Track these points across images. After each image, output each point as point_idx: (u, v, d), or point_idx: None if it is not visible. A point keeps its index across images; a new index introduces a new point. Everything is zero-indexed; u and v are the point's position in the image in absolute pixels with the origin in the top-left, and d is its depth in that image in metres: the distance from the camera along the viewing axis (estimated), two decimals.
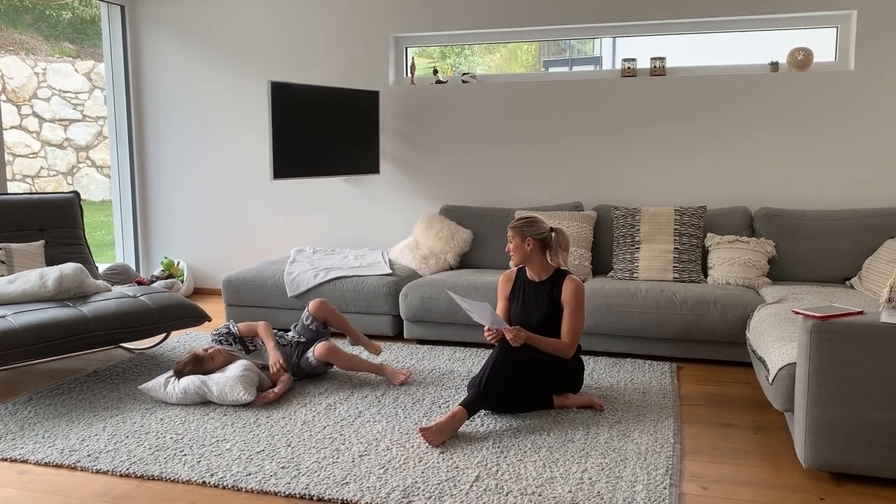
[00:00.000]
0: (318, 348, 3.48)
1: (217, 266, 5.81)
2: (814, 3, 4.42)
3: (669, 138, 4.73)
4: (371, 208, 5.38)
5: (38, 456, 2.69)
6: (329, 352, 3.46)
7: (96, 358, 4.10)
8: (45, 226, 4.21)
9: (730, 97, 4.60)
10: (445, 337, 4.22)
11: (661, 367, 3.74)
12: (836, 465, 2.40)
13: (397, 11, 5.13)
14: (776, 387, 2.61)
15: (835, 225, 4.21)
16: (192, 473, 2.52)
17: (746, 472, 2.53)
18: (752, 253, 4.13)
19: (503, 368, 2.91)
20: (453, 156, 5.15)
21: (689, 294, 3.81)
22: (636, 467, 2.53)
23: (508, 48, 6.29)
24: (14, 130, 10.86)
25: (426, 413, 3.08)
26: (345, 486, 2.40)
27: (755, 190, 4.63)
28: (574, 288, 3.15)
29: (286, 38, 5.39)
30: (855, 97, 4.42)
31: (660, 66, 4.73)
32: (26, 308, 3.44)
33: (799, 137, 4.53)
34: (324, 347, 3.46)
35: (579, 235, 4.42)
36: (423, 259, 4.64)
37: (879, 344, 2.31)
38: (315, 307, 3.64)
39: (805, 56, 4.48)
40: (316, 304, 3.64)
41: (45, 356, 3.29)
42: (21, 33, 11.84)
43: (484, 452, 2.66)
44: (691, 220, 4.26)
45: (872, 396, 2.33)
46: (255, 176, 5.61)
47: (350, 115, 4.95)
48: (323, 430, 2.90)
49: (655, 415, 3.04)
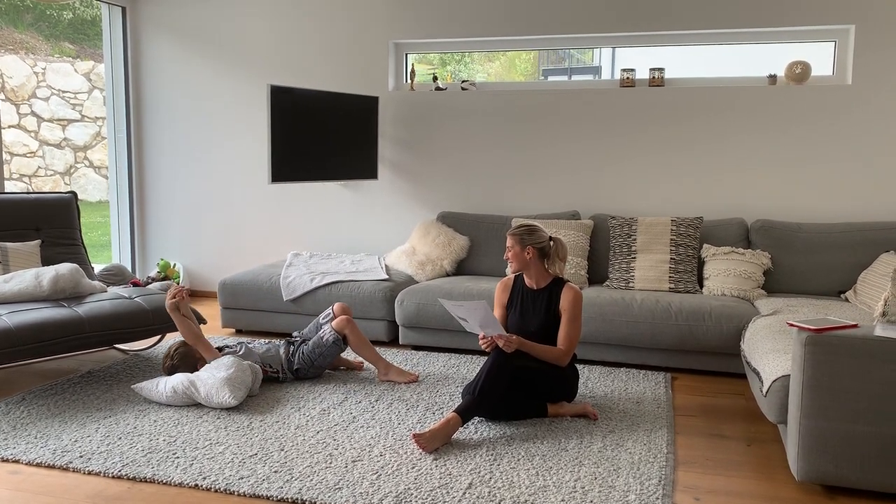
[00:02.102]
0: (337, 320, 3.53)
1: (213, 269, 5.80)
2: (812, 17, 4.45)
3: (667, 148, 4.75)
4: (368, 214, 5.39)
5: (31, 456, 2.68)
6: (348, 323, 3.51)
7: (90, 359, 4.09)
8: (41, 225, 4.20)
9: (728, 109, 4.62)
10: (441, 343, 4.22)
11: (655, 377, 3.74)
12: (828, 477, 2.40)
13: (398, 18, 5.15)
14: (770, 399, 2.61)
15: (830, 238, 4.22)
16: (185, 476, 2.51)
17: (739, 484, 2.53)
18: (748, 265, 4.14)
19: (498, 376, 2.91)
20: (451, 162, 5.16)
21: (685, 304, 3.82)
22: (629, 477, 2.53)
23: (508, 56, 6.30)
24: (12, 129, 10.84)
25: (420, 419, 3.08)
26: (337, 492, 2.39)
27: (752, 202, 4.64)
28: (573, 296, 3.16)
29: (286, 43, 5.40)
30: (852, 111, 4.44)
31: (659, 76, 4.75)
32: (21, 307, 3.44)
33: (796, 150, 4.55)
34: (343, 320, 3.51)
35: (576, 244, 4.43)
36: (420, 265, 4.64)
37: (873, 358, 2.32)
38: (340, 308, 3.67)
39: (803, 69, 4.51)
40: (342, 306, 3.67)
41: (39, 356, 3.28)
42: (21, 33, 11.84)
43: (477, 460, 2.66)
44: (688, 230, 4.27)
45: (866, 410, 2.34)
46: (252, 179, 5.61)
47: (349, 120, 4.96)
48: (316, 435, 2.89)
49: (649, 425, 3.04)
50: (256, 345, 3.57)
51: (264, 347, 3.56)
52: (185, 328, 3.36)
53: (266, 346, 3.57)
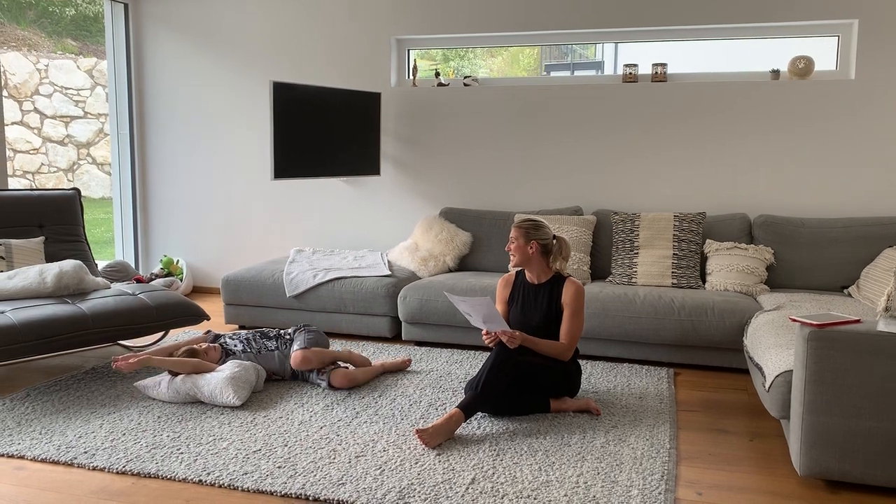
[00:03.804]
0: (336, 378, 3.39)
1: (216, 265, 5.81)
2: (816, 12, 4.44)
3: (670, 144, 4.74)
4: (371, 210, 5.39)
5: (35, 452, 2.69)
6: (344, 377, 3.40)
7: (94, 355, 4.10)
8: (44, 222, 4.21)
9: (731, 104, 4.61)
10: (443, 339, 4.22)
11: (658, 372, 3.75)
12: (831, 472, 2.41)
13: (400, 14, 5.14)
14: (772, 394, 2.61)
15: (833, 233, 4.22)
16: (189, 472, 2.52)
17: (742, 479, 2.53)
18: (751, 260, 4.13)
19: (501, 371, 2.92)
20: (454, 158, 5.16)
21: (687, 300, 3.82)
22: (632, 472, 2.53)
23: (510, 52, 6.30)
24: (15, 126, 10.86)
25: (423, 415, 3.09)
26: (341, 487, 2.40)
27: (754, 197, 4.64)
28: (575, 290, 3.16)
29: (289, 39, 5.40)
30: (855, 106, 4.43)
31: (661, 72, 4.74)
32: (25, 304, 3.45)
33: (799, 145, 4.54)
34: (341, 377, 3.38)
35: (578, 240, 4.43)
36: (423, 261, 4.65)
37: (876, 353, 2.32)
38: (298, 362, 3.41)
39: (806, 64, 4.50)
40: (298, 361, 3.40)
41: (43, 353, 3.29)
42: (24, 29, 11.85)
43: (480, 455, 2.66)
44: (690, 226, 4.27)
45: (868, 405, 2.34)
46: (255, 176, 5.62)
47: (351, 116, 4.96)
48: (320, 431, 2.90)
49: (652, 420, 3.04)
50: (258, 343, 3.53)
51: (266, 350, 3.51)
52: (178, 368, 3.25)
53: (266, 352, 3.51)
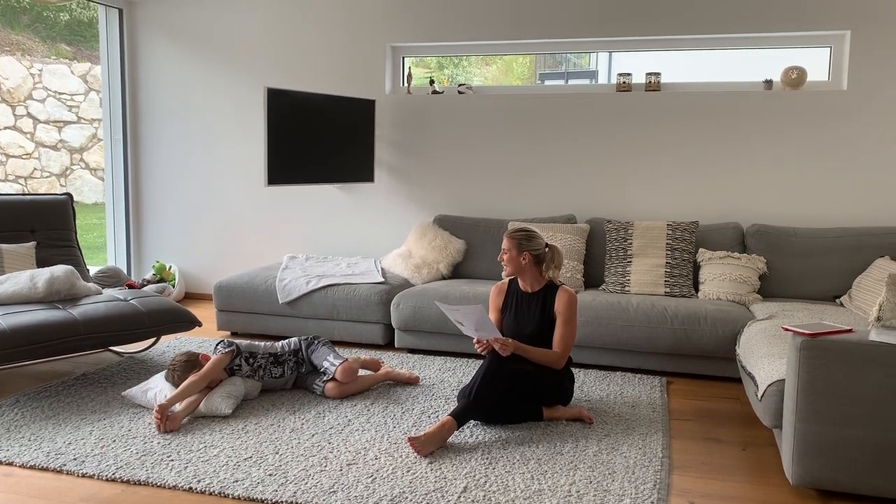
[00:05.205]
0: (339, 372, 3.36)
1: (209, 271, 5.79)
2: (808, 22, 4.47)
3: (663, 153, 4.76)
4: (364, 217, 5.39)
5: (24, 459, 2.67)
6: (345, 383, 3.40)
7: (85, 361, 4.08)
8: (36, 227, 4.19)
9: (724, 114, 4.64)
10: (436, 346, 4.22)
11: (650, 381, 3.75)
12: (823, 482, 2.41)
13: (395, 21, 5.15)
14: (765, 403, 2.62)
15: (826, 242, 4.23)
16: (179, 479, 2.50)
17: (734, 488, 2.53)
18: (744, 269, 4.14)
19: (494, 379, 2.91)
20: (448, 166, 5.17)
21: (680, 309, 3.82)
22: (624, 481, 2.53)
23: (505, 60, 6.31)
24: (8, 131, 10.83)
25: (415, 423, 3.08)
26: (332, 495, 2.39)
27: (747, 206, 4.65)
28: (567, 298, 3.16)
29: (283, 46, 5.40)
30: (848, 116, 4.46)
31: (655, 81, 4.76)
32: (16, 309, 3.43)
33: (792, 155, 4.56)
34: (345, 371, 3.37)
35: (572, 248, 4.43)
36: (416, 268, 4.64)
37: (868, 362, 2.32)
38: (347, 376, 3.37)
39: (799, 75, 4.52)
40: (346, 374, 3.36)
41: (34, 358, 3.27)
42: (18, 34, 11.82)
43: (472, 463, 2.65)
44: (683, 234, 4.28)
45: (860, 414, 2.34)
46: (248, 182, 5.61)
47: (346, 123, 4.96)
48: (311, 439, 2.89)
49: (644, 429, 3.04)
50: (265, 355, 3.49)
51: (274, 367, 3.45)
52: (192, 392, 3.14)
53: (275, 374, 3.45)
